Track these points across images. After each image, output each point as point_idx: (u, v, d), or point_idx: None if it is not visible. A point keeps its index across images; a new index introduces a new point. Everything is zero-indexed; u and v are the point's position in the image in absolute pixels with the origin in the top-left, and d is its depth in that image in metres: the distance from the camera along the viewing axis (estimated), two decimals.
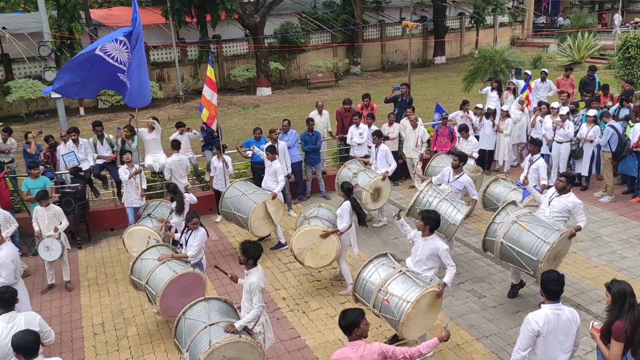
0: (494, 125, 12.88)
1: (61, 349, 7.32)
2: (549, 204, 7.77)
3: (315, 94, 25.62)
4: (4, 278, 6.76)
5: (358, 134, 11.89)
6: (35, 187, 9.69)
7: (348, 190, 8.21)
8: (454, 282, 8.51)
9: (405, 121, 12.52)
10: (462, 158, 8.95)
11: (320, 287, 8.62)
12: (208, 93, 10.25)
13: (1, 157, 11.46)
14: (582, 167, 11.79)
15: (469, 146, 11.19)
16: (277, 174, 9.91)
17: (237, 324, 5.66)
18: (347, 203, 8.06)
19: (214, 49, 26.30)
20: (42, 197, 8.81)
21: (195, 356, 5.48)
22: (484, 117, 12.94)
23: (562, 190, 7.66)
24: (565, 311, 4.86)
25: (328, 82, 27.99)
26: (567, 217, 7.70)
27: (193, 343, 5.60)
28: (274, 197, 9.53)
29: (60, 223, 8.95)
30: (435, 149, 11.94)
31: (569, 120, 11.68)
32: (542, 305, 4.93)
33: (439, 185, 8.96)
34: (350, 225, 8.16)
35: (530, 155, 9.72)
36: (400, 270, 6.54)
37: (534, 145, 9.69)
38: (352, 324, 4.65)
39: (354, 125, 11.98)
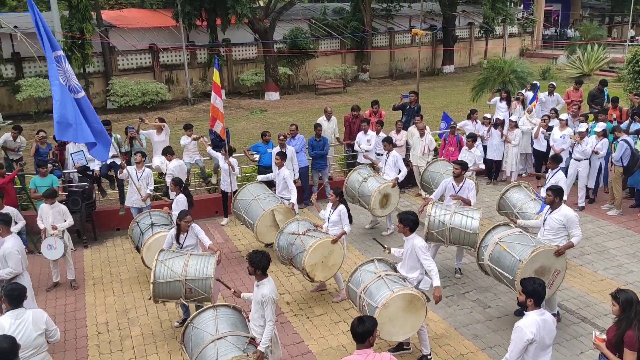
0: (502, 135, 12.85)
1: (65, 347, 7.33)
2: (544, 223, 7.51)
3: (323, 100, 25.66)
4: (12, 267, 6.85)
5: (366, 141, 11.91)
6: (43, 185, 9.74)
7: (341, 194, 8.32)
8: (459, 291, 8.52)
9: (412, 129, 12.53)
10: (463, 166, 8.98)
11: (324, 292, 8.61)
12: (212, 96, 10.32)
13: (11, 154, 11.53)
14: (589, 180, 11.75)
15: (471, 157, 11.09)
16: (286, 181, 9.89)
17: (262, 348, 5.51)
18: (343, 206, 8.16)
19: (223, 52, 26.41)
20: (50, 195, 8.86)
21: None
22: (492, 127, 12.92)
23: (552, 205, 7.36)
24: (547, 314, 4.95)
25: (336, 88, 28.04)
26: (565, 234, 7.30)
27: (200, 356, 5.48)
28: (292, 207, 9.48)
29: (65, 221, 8.99)
30: (442, 157, 11.92)
31: (588, 136, 11.46)
32: (526, 312, 4.97)
33: (441, 199, 9.03)
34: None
35: (550, 170, 9.64)
36: (379, 276, 6.57)
37: (554, 162, 9.57)
38: (367, 332, 4.57)
39: (362, 131, 12.01)
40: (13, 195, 10.03)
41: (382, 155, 11.14)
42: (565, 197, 11.22)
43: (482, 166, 11.23)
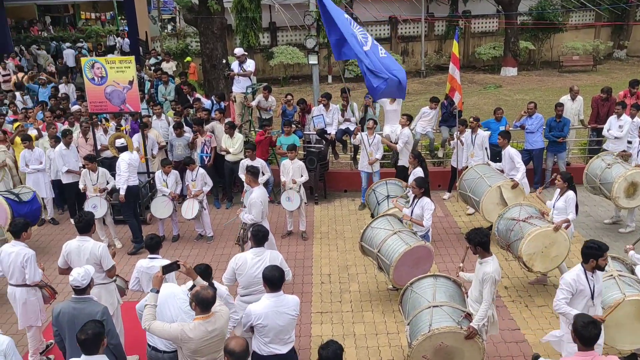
0: None
1: (293, 289, 8.13)
2: None
3: (566, 78, 23.52)
4: (253, 216, 7.70)
5: (617, 126, 10.58)
6: (286, 143, 10.80)
7: (570, 179, 7.63)
8: None
9: None
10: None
11: (548, 284, 8.06)
12: (450, 68, 10.25)
13: (263, 114, 12.94)
14: None
15: None
16: (513, 159, 9.47)
17: (475, 324, 5.43)
18: (572, 193, 7.51)
19: (461, 24, 25.76)
20: (291, 149, 9.94)
21: (414, 333, 5.56)
22: None
23: None
24: None
25: (584, 66, 25.39)
26: None
27: (415, 319, 5.65)
28: (514, 186, 9.05)
29: (302, 176, 9.91)
30: None
31: None
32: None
33: None
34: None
35: None
36: (611, 275, 5.95)
37: None
38: (596, 337, 4.27)
39: (615, 115, 10.69)
40: (264, 150, 11.27)
41: (632, 143, 9.88)
42: None
43: None
